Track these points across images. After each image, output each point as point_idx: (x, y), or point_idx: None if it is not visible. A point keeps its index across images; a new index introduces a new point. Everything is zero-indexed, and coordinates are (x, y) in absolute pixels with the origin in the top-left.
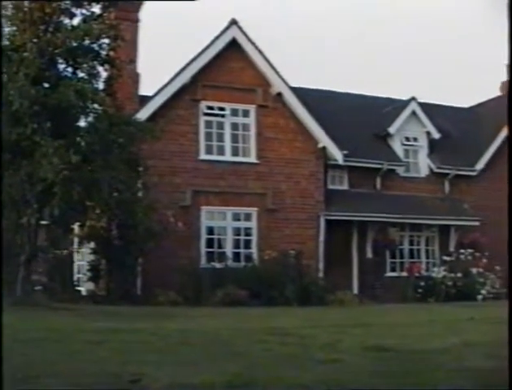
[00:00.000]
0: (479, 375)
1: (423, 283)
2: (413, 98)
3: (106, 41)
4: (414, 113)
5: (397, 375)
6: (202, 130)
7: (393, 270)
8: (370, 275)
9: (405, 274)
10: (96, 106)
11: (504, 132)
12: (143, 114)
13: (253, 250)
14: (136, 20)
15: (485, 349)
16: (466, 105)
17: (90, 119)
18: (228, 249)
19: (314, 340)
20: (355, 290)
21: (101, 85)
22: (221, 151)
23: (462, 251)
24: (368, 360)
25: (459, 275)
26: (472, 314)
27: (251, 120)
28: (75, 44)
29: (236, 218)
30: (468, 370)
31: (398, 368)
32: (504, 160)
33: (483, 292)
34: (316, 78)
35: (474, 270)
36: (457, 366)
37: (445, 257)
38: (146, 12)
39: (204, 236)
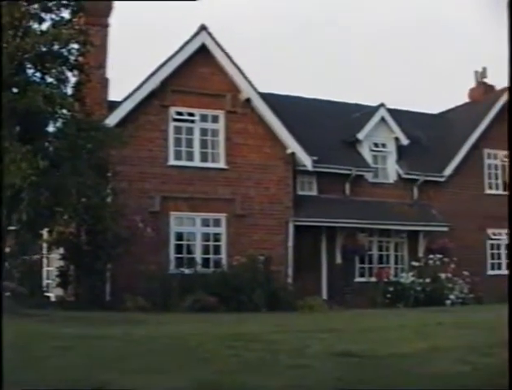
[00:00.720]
0: (446, 380)
1: (391, 289)
2: (382, 104)
3: (76, 46)
4: (382, 119)
5: (365, 381)
6: (171, 136)
7: (362, 275)
8: (340, 281)
9: (374, 279)
10: (64, 111)
11: (472, 138)
12: (112, 119)
13: (222, 256)
14: (106, 25)
15: (453, 354)
16: (435, 111)
17: (59, 124)
18: (197, 255)
19: (282, 345)
20: (324, 295)
21: (69, 90)
22: (190, 157)
23: (431, 256)
24: (336, 365)
25: (428, 280)
26: (440, 319)
27: (220, 126)
28: (44, 49)
29: (205, 223)
30: (436, 374)
31: (365, 373)
32: (472, 166)
33: (452, 297)
34: (285, 84)
35: (442, 276)
36: (424, 371)
37: (414, 263)
38: (116, 17)
39: (173, 242)
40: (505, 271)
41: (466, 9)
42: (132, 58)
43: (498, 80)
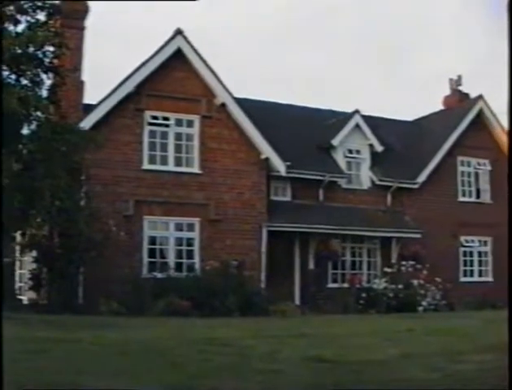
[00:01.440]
0: (416, 386)
1: (364, 295)
2: (356, 111)
3: (51, 48)
4: (357, 125)
5: (335, 386)
6: (146, 139)
7: (335, 281)
8: (312, 286)
9: (346, 285)
10: (39, 113)
11: (446, 146)
12: (87, 122)
13: (196, 260)
14: (82, 28)
15: (424, 360)
16: (409, 118)
17: (33, 126)
18: (171, 259)
19: (254, 350)
20: (297, 301)
21: (44, 93)
22: (164, 161)
23: (404, 263)
24: (307, 370)
25: (400, 286)
26: (412, 325)
27: (195, 130)
28: (19, 51)
29: (179, 228)
30: (406, 381)
31: (336, 379)
32: (445, 174)
33: (424, 303)
34: (260, 89)
35: (415, 282)
36: (395, 377)
37: (387, 269)
38: (92, 20)
39: (146, 246)
40: (477, 278)
41: (443, 15)
42: (108, 61)
43: (473, 87)
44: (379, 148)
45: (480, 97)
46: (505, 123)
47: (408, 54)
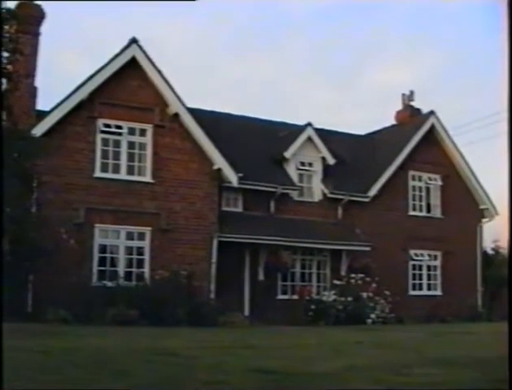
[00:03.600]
0: None
1: (313, 307)
2: (309, 124)
3: (5, 54)
4: (309, 138)
5: None
6: (99, 147)
7: (285, 292)
8: (262, 298)
9: (296, 297)
10: None
11: (398, 161)
12: (39, 129)
13: (146, 270)
14: (37, 34)
15: (369, 373)
16: (362, 132)
17: None
18: (121, 268)
19: (200, 360)
20: (246, 312)
21: None
22: (117, 169)
23: (353, 275)
24: (251, 382)
25: (350, 298)
26: (360, 337)
27: (148, 140)
28: None
29: (130, 237)
30: None
31: None
32: (396, 188)
33: (373, 316)
34: (213, 100)
35: (364, 295)
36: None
37: (336, 281)
38: (47, 26)
39: (96, 254)
40: (425, 292)
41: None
42: (63, 68)
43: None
44: (331, 161)
45: (432, 112)
46: (456, 139)
47: (361, 69)
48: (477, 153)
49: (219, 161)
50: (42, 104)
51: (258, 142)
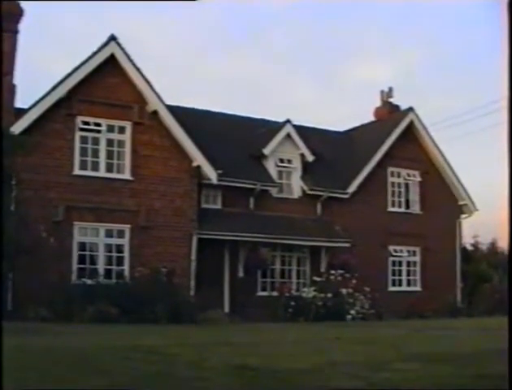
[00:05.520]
0: None
1: (293, 303)
2: (288, 121)
3: None
4: (288, 135)
5: None
6: (77, 145)
7: (264, 289)
8: (242, 294)
9: (276, 293)
10: None
11: (377, 157)
12: (18, 126)
13: (125, 267)
14: (15, 31)
15: (349, 369)
16: (341, 129)
17: None
18: (100, 266)
19: (180, 358)
20: (226, 309)
21: None
22: (96, 167)
23: (333, 272)
24: (232, 378)
25: (329, 295)
26: (340, 333)
27: (127, 137)
28: None
29: (109, 234)
30: (329, 389)
31: (260, 387)
32: (375, 184)
33: (353, 312)
34: (192, 97)
35: (343, 291)
36: (318, 386)
37: (316, 278)
38: (26, 23)
39: (76, 252)
40: (405, 288)
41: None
42: (41, 65)
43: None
44: (310, 158)
45: (411, 109)
46: (434, 135)
47: (341, 66)
48: (456, 149)
49: (199, 158)
50: (21, 101)
51: (237, 139)
